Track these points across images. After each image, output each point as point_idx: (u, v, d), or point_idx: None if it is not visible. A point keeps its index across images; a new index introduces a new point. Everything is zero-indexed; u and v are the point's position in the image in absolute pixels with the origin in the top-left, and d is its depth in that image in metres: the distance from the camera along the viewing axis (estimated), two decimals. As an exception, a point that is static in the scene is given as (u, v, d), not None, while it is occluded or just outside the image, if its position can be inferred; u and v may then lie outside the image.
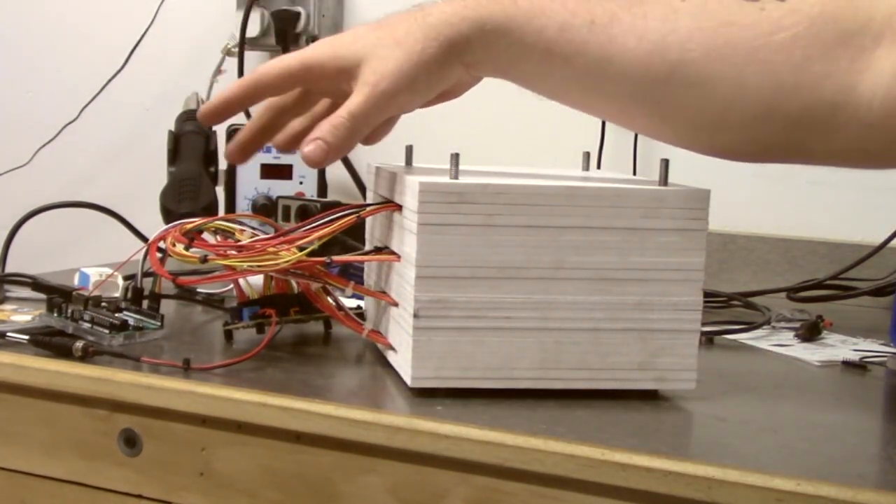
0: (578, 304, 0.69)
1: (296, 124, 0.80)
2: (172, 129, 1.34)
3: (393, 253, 0.74)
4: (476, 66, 0.72)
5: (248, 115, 0.92)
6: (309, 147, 0.71)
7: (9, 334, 0.78)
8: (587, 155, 0.87)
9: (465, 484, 0.64)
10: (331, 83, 0.74)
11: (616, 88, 0.69)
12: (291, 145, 0.80)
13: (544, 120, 1.34)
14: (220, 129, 1.33)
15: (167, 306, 0.87)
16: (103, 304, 0.81)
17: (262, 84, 0.75)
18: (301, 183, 1.32)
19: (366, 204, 0.77)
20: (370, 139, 0.77)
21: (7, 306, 0.90)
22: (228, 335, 0.81)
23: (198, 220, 0.79)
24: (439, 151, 0.76)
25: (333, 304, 0.80)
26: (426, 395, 0.69)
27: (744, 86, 0.66)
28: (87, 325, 0.78)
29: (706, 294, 0.72)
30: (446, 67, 0.71)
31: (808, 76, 0.65)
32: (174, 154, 1.30)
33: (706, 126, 0.69)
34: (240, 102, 0.77)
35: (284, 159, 1.31)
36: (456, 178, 0.69)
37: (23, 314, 0.86)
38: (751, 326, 0.95)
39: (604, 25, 0.68)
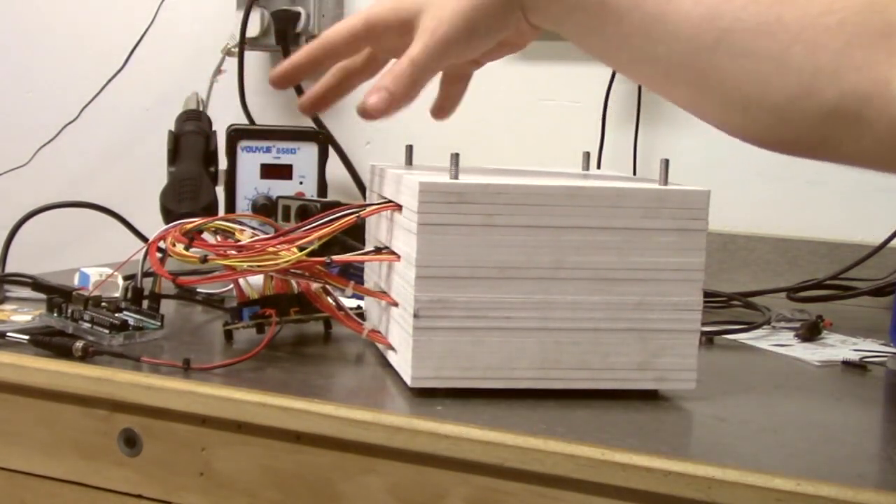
0: (578, 304, 0.69)
1: (328, 78, 0.81)
2: (172, 129, 1.34)
3: (393, 253, 0.74)
4: (534, 14, 0.72)
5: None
6: (373, 98, 0.72)
7: (9, 334, 0.78)
8: (587, 155, 0.87)
9: (465, 484, 0.64)
10: (395, 38, 0.75)
11: (664, 50, 0.69)
12: (323, 102, 0.81)
13: (544, 120, 1.34)
14: (221, 129, 1.34)
15: (167, 306, 0.87)
16: (103, 304, 0.81)
17: (330, 47, 0.76)
18: (301, 183, 1.32)
19: (366, 204, 0.77)
20: (443, 111, 0.79)
21: (7, 306, 0.90)
22: (228, 335, 0.81)
23: (198, 220, 0.79)
24: (439, 151, 0.76)
25: (333, 304, 0.80)
26: (426, 395, 0.69)
27: (786, 64, 0.65)
28: (87, 325, 0.78)
29: (706, 294, 0.72)
30: (505, 14, 0.71)
31: (847, 63, 0.64)
32: (174, 154, 1.30)
33: (743, 102, 0.68)
34: (310, 66, 0.77)
35: (284, 159, 1.31)
36: (456, 177, 0.69)
37: (23, 314, 0.86)
38: (751, 326, 0.95)
39: None
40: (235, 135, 1.31)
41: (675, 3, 0.68)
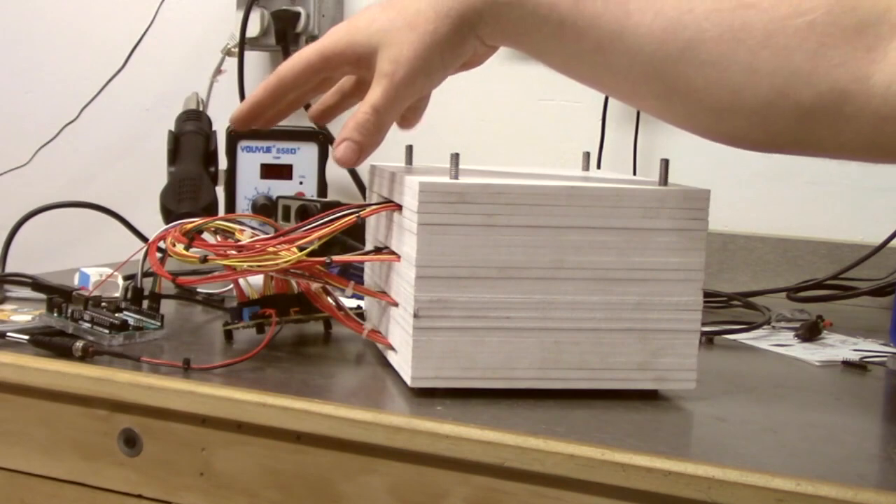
0: (578, 304, 0.69)
1: (327, 97, 0.82)
2: (172, 129, 1.34)
3: (393, 253, 0.74)
4: (490, 37, 0.72)
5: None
6: (340, 150, 0.72)
7: (9, 334, 0.78)
8: (587, 155, 0.87)
9: (465, 484, 0.64)
10: (350, 70, 0.76)
11: (628, 64, 0.69)
12: (324, 118, 0.83)
13: (544, 120, 1.34)
14: (221, 129, 1.34)
15: (167, 306, 0.87)
16: (103, 304, 0.81)
17: (285, 82, 0.76)
18: (301, 183, 1.32)
19: (366, 204, 0.77)
20: (408, 123, 0.79)
21: (7, 306, 0.90)
22: (228, 335, 0.81)
23: (198, 220, 0.79)
24: (439, 151, 0.76)
25: (333, 304, 0.80)
26: (426, 395, 0.69)
27: (757, 70, 0.65)
28: (87, 325, 0.78)
29: (706, 294, 0.72)
30: (460, 44, 0.72)
31: (822, 64, 0.64)
32: (174, 154, 1.30)
33: (715, 108, 0.68)
34: (269, 104, 0.78)
35: (284, 159, 1.31)
36: (456, 178, 0.69)
37: (23, 314, 0.86)
38: (751, 326, 0.95)
39: (619, 0, 0.68)
40: (235, 135, 1.31)
41: (634, 17, 0.67)
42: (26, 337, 0.78)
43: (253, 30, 1.43)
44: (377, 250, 0.78)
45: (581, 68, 0.72)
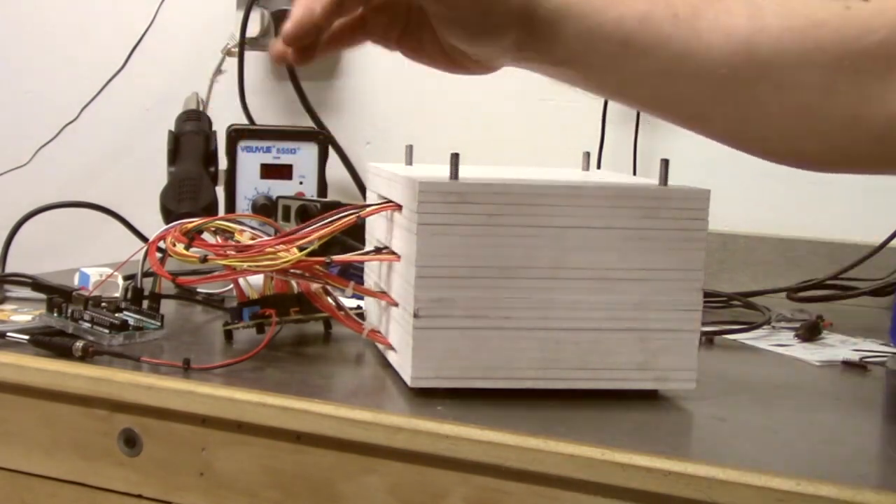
0: (578, 304, 0.69)
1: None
2: (172, 129, 1.34)
3: (393, 253, 0.74)
4: (533, 46, 0.65)
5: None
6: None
7: (9, 334, 0.78)
8: (587, 155, 0.87)
9: (465, 484, 0.64)
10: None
11: (696, 87, 0.65)
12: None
13: (544, 120, 1.34)
14: (221, 129, 1.34)
15: (167, 306, 0.87)
16: (103, 304, 0.81)
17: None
18: (301, 183, 1.32)
19: (366, 204, 0.77)
20: (313, 48, 0.67)
21: (7, 306, 0.90)
22: (228, 335, 0.81)
23: (198, 220, 0.79)
24: (439, 151, 0.76)
25: (333, 304, 0.80)
26: (426, 395, 0.69)
27: (832, 92, 0.63)
28: (87, 325, 0.78)
29: (706, 294, 0.72)
30: (501, 22, 0.64)
31: (893, 84, 0.62)
32: (174, 154, 1.30)
33: (790, 132, 0.65)
34: (321, 21, 0.65)
35: (284, 159, 1.32)
36: (456, 177, 0.69)
37: (23, 314, 0.86)
38: (751, 326, 0.95)
39: (688, 19, 0.64)
40: (235, 135, 1.31)
41: (704, 39, 0.64)
42: (26, 337, 0.78)
43: (253, 30, 1.43)
44: (377, 250, 0.78)
45: (641, 91, 0.68)
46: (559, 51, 0.65)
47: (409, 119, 0.79)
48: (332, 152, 1.38)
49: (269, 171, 1.31)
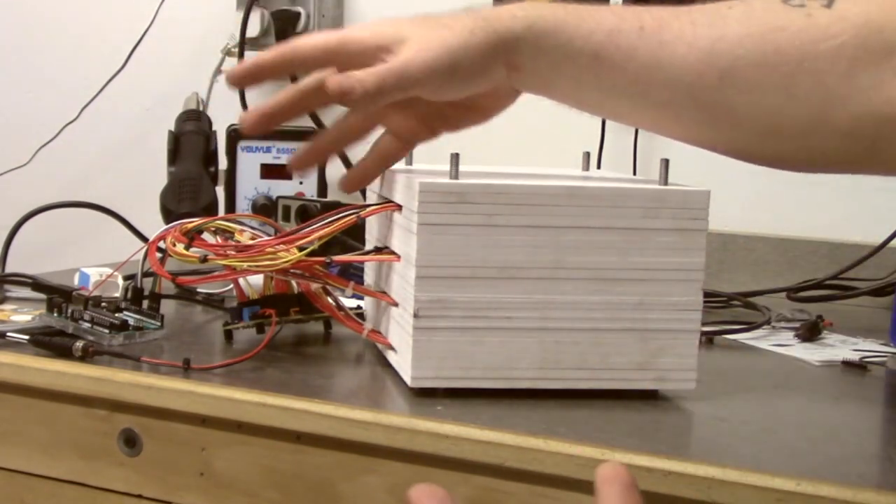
0: (578, 304, 0.69)
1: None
2: (172, 129, 1.34)
3: (393, 253, 0.74)
4: (520, 70, 0.71)
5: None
6: (336, 77, 0.68)
7: (9, 334, 0.78)
8: (587, 155, 0.87)
9: (465, 484, 0.64)
10: (368, 60, 0.70)
11: (665, 96, 0.69)
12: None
13: (544, 120, 1.34)
14: (221, 129, 1.34)
15: (167, 306, 0.87)
16: (103, 304, 0.81)
17: (299, 54, 0.73)
18: (301, 183, 1.31)
19: (366, 204, 0.78)
20: (360, 177, 0.79)
21: (7, 306, 0.90)
22: (228, 335, 0.81)
23: (198, 220, 0.79)
24: (439, 151, 0.76)
25: (333, 304, 0.80)
26: (426, 395, 0.69)
27: (793, 94, 0.65)
28: (87, 325, 0.78)
29: (706, 294, 0.72)
30: (491, 60, 0.69)
31: (855, 86, 0.64)
32: (174, 154, 1.30)
33: (758, 133, 0.68)
34: (272, 70, 0.74)
35: (284, 159, 1.31)
36: (456, 178, 0.69)
37: (23, 314, 0.86)
38: (751, 326, 0.95)
39: (653, 32, 0.68)
40: (235, 135, 1.31)
41: (668, 49, 0.67)
42: (26, 337, 0.78)
43: (253, 30, 1.43)
44: (377, 250, 0.77)
45: (617, 102, 0.71)
46: (541, 70, 0.70)
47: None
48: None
49: (269, 171, 1.31)
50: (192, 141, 1.31)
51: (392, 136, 0.78)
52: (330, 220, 0.73)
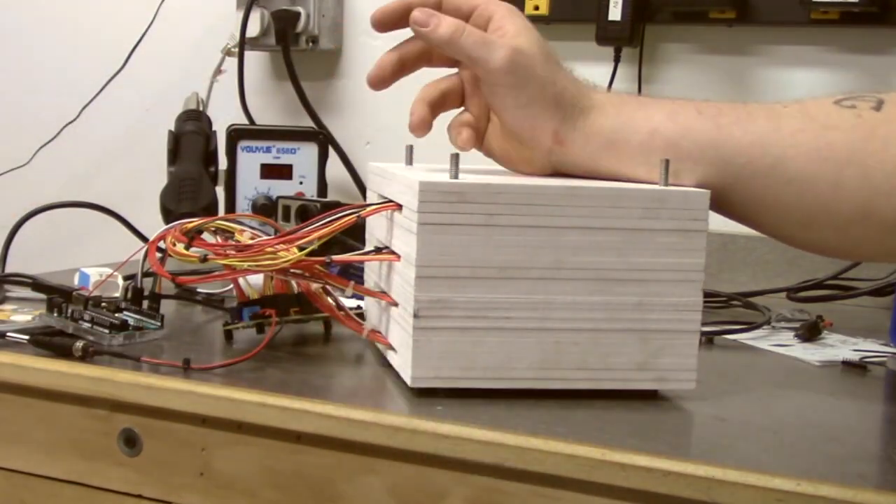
0: (578, 304, 0.69)
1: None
2: (172, 129, 1.34)
3: (393, 253, 0.74)
4: (565, 144, 0.74)
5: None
6: (418, 13, 0.74)
7: (9, 334, 0.78)
8: (587, 155, 0.86)
9: (465, 484, 0.64)
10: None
11: (717, 174, 0.72)
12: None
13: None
14: (221, 129, 1.34)
15: (167, 306, 0.87)
16: (103, 304, 0.81)
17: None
18: (301, 183, 1.32)
19: (366, 204, 0.77)
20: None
21: (7, 306, 0.90)
22: (228, 335, 0.81)
23: (198, 220, 0.79)
24: (439, 151, 0.76)
25: (333, 304, 0.80)
26: (426, 395, 0.69)
27: (841, 187, 0.69)
28: (87, 325, 0.78)
29: (706, 294, 0.72)
30: (542, 119, 0.73)
31: None
32: (174, 154, 1.30)
33: (803, 222, 0.71)
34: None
35: (284, 159, 1.32)
36: (456, 177, 0.69)
37: (23, 314, 0.86)
38: (751, 326, 0.95)
39: (711, 116, 0.72)
40: (235, 135, 1.31)
41: (725, 130, 0.71)
42: (26, 337, 0.78)
43: (253, 30, 1.43)
44: (377, 250, 0.77)
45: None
46: (594, 141, 0.73)
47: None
48: (332, 152, 1.38)
49: (269, 171, 1.31)
50: (192, 141, 1.31)
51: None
52: (330, 220, 0.73)
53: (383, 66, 0.78)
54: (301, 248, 0.72)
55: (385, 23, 0.78)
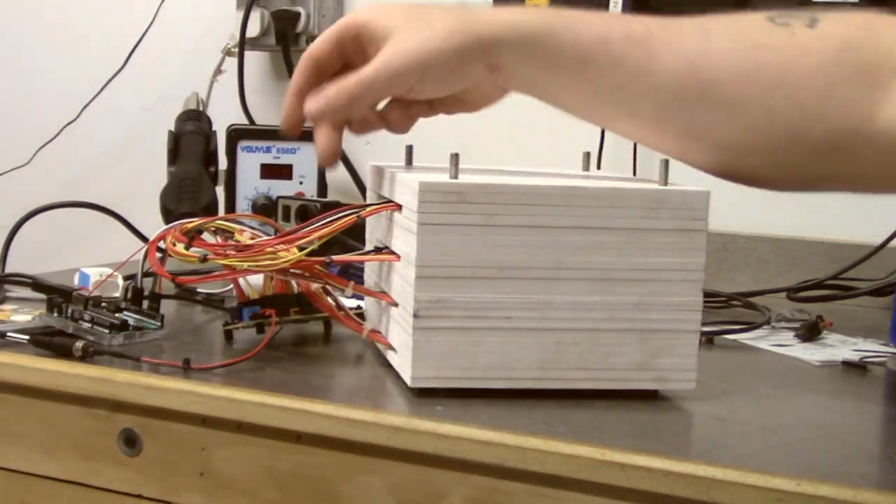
0: (578, 304, 0.69)
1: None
2: (172, 129, 1.34)
3: (393, 253, 0.74)
4: (504, 70, 0.72)
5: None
6: (311, 102, 0.74)
7: (9, 334, 0.78)
8: (587, 155, 0.87)
9: (465, 484, 0.64)
10: (361, 45, 0.74)
11: (649, 104, 0.70)
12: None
13: (544, 120, 1.33)
14: (221, 129, 1.34)
15: (167, 306, 0.87)
16: (103, 304, 0.81)
17: (314, 54, 0.76)
18: (301, 183, 1.32)
19: (366, 204, 0.77)
20: (396, 126, 0.78)
21: (7, 306, 0.90)
22: (228, 335, 0.81)
23: (198, 220, 0.79)
24: (439, 151, 0.76)
25: (333, 304, 0.79)
26: (426, 395, 0.69)
27: (772, 109, 0.67)
28: (87, 325, 0.78)
29: (706, 294, 0.72)
30: (467, 62, 0.71)
31: (832, 103, 0.66)
32: (174, 154, 1.30)
33: (734, 148, 0.69)
34: (307, 86, 0.76)
35: (284, 159, 1.31)
36: (456, 177, 0.69)
37: (23, 314, 0.86)
38: (751, 326, 0.95)
39: (640, 40, 0.69)
40: (235, 135, 1.31)
41: (655, 58, 0.69)
42: (26, 337, 0.78)
43: (253, 30, 1.43)
44: (377, 250, 0.77)
45: (603, 108, 0.73)
46: (525, 72, 0.72)
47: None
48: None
49: (269, 171, 1.31)
50: (192, 141, 1.31)
51: (397, 104, 0.79)
52: (330, 220, 0.73)
53: (331, 147, 0.77)
54: (301, 248, 0.72)
55: (294, 125, 0.78)
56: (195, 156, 1.29)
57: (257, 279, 0.80)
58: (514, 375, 0.69)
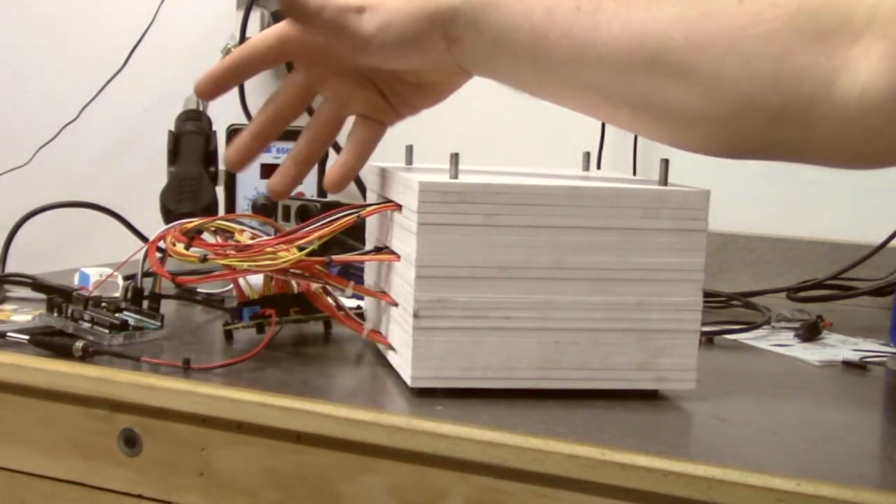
0: (578, 304, 0.69)
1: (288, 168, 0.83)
2: (172, 129, 1.34)
3: (393, 253, 0.74)
4: (458, 44, 0.72)
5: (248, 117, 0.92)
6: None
7: (9, 334, 0.78)
8: (587, 155, 0.87)
9: (465, 484, 0.64)
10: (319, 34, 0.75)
11: (598, 76, 0.69)
12: (286, 186, 0.82)
13: (544, 120, 1.34)
14: (221, 129, 1.34)
15: (167, 306, 0.87)
16: (103, 304, 0.81)
17: (252, 48, 0.78)
18: (301, 183, 1.31)
19: (366, 204, 0.78)
20: (343, 174, 0.80)
21: (7, 306, 0.90)
22: (228, 335, 0.81)
23: (198, 220, 0.79)
24: (439, 151, 0.76)
25: (333, 304, 0.80)
26: (426, 395, 0.69)
27: (722, 76, 0.66)
28: (87, 325, 0.78)
29: (706, 294, 0.72)
30: (425, 30, 0.72)
31: (786, 69, 0.65)
32: (174, 154, 1.30)
33: (686, 117, 0.69)
34: (232, 76, 0.80)
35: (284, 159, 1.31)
36: (456, 177, 0.69)
37: (23, 314, 0.86)
38: (751, 326, 0.95)
39: (589, 11, 0.69)
40: (235, 135, 1.31)
41: (603, 28, 0.68)
42: (26, 337, 0.78)
43: (253, 30, 1.43)
44: (377, 250, 0.78)
45: (555, 82, 0.72)
46: (479, 45, 0.71)
47: (409, 119, 0.79)
48: (332, 152, 1.37)
49: (269, 171, 1.30)
50: (192, 141, 1.31)
51: (362, 121, 0.80)
52: (330, 219, 0.73)
53: (240, 148, 0.82)
54: (301, 248, 0.72)
55: (220, 84, 0.82)
56: (195, 156, 1.29)
57: (257, 279, 0.80)
58: (514, 375, 0.69)
